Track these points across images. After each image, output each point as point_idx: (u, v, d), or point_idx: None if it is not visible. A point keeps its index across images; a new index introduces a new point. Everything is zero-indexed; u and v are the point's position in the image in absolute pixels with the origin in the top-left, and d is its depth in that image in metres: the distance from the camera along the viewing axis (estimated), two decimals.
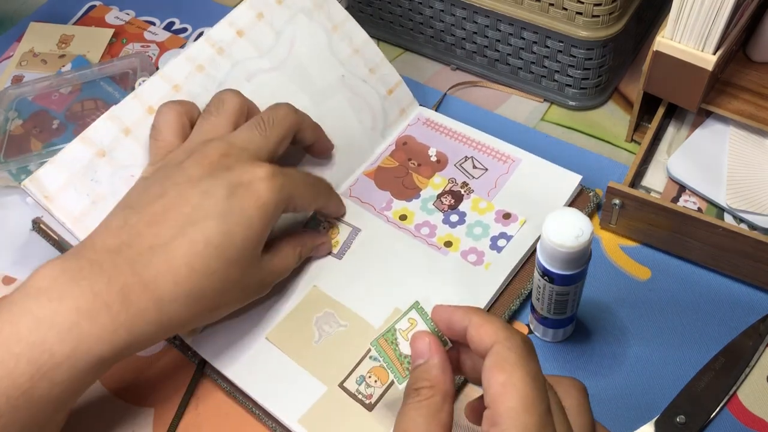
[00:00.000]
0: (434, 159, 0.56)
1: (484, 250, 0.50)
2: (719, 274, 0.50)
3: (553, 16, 0.55)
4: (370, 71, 0.57)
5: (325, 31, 0.55)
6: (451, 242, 0.51)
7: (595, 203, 0.53)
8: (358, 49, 0.56)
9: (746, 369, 0.45)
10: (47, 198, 0.47)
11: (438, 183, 0.55)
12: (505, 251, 0.50)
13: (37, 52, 0.69)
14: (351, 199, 0.54)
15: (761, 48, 0.52)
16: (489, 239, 0.51)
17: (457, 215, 0.53)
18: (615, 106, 0.61)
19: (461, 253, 0.51)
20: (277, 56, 0.54)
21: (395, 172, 0.56)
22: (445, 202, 0.53)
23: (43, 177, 0.47)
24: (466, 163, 0.55)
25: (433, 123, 0.58)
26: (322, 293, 0.49)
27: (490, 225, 0.52)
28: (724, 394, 0.45)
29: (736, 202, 0.49)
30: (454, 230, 0.52)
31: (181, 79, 0.51)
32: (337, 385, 0.46)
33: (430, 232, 0.52)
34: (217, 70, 0.52)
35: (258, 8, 0.53)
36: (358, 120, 0.56)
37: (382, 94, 0.57)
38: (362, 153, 0.56)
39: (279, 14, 0.54)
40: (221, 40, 0.52)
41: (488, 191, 0.54)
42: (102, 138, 0.48)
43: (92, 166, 0.48)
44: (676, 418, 0.44)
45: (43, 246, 0.55)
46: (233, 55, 0.52)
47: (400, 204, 0.54)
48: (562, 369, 0.47)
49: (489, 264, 0.50)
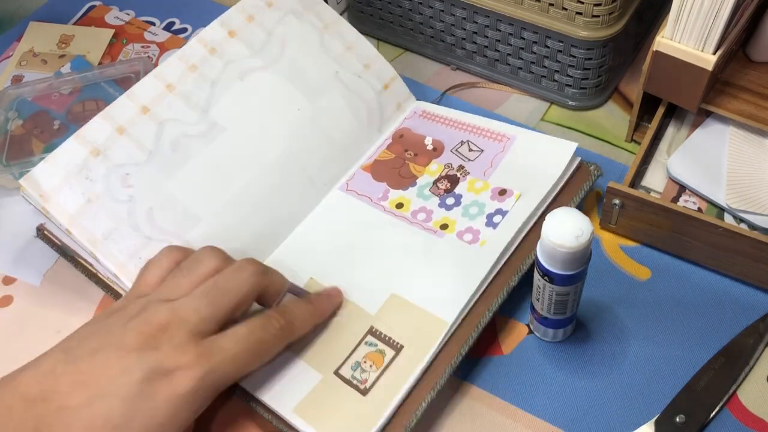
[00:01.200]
0: (430, 147, 0.56)
1: (480, 228, 0.50)
2: (719, 274, 0.50)
3: (553, 16, 0.55)
4: (364, 67, 0.57)
5: (316, 30, 0.56)
6: (447, 224, 0.51)
7: (596, 176, 0.53)
8: (351, 46, 0.57)
9: (746, 368, 0.45)
10: (42, 197, 0.47)
11: (434, 170, 0.55)
12: (500, 227, 0.50)
13: (37, 52, 0.69)
14: (348, 193, 0.54)
15: (761, 48, 0.52)
16: (485, 217, 0.51)
17: (453, 198, 0.52)
18: (615, 106, 0.61)
19: (457, 234, 0.50)
20: (270, 54, 0.54)
21: (392, 163, 0.56)
22: (441, 187, 0.53)
23: (39, 175, 0.47)
24: (462, 147, 0.55)
25: (429, 114, 0.58)
26: (317, 284, 0.50)
27: (485, 203, 0.51)
28: (724, 394, 0.45)
29: (736, 202, 0.49)
30: (450, 212, 0.52)
31: (175, 78, 0.51)
32: (332, 373, 0.45)
33: (426, 217, 0.52)
34: (210, 70, 0.52)
35: (248, 11, 0.54)
36: (354, 116, 0.56)
37: (378, 89, 0.57)
38: (359, 148, 0.56)
39: (269, 16, 0.55)
40: (213, 40, 0.53)
41: (484, 171, 0.53)
42: (96, 137, 0.49)
43: (87, 164, 0.48)
44: (675, 418, 0.44)
45: (44, 247, 0.55)
46: (226, 55, 0.53)
47: (397, 193, 0.54)
48: (562, 369, 0.47)
49: (484, 242, 0.49)
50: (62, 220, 0.47)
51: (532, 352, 0.48)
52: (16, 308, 0.53)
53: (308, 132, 0.54)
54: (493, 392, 0.47)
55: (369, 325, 0.47)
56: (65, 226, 0.47)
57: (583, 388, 0.46)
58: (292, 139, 0.54)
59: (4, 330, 0.52)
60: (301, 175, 0.54)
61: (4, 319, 0.53)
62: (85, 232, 0.47)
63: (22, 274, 0.55)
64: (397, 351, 0.46)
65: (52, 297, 0.54)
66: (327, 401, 0.44)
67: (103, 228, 0.48)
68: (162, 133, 0.50)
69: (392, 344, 0.46)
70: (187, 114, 0.51)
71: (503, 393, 0.47)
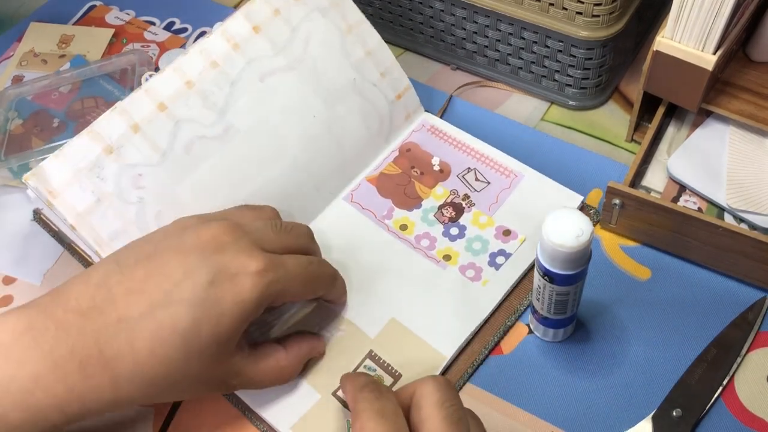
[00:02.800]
0: (437, 168, 0.56)
1: (483, 266, 0.50)
2: (719, 274, 0.50)
3: (553, 16, 0.55)
4: (381, 75, 0.56)
5: (340, 31, 0.55)
6: (450, 256, 0.51)
7: (596, 220, 0.53)
8: (371, 51, 0.56)
9: (737, 359, 0.46)
10: (51, 193, 0.45)
11: (440, 194, 0.54)
12: (503, 269, 0.50)
13: (37, 52, 0.69)
14: (352, 205, 0.54)
15: (761, 48, 0.52)
16: (488, 255, 0.51)
17: (457, 228, 0.52)
18: (615, 105, 0.61)
19: (459, 268, 0.51)
20: (292, 54, 0.53)
21: (397, 179, 0.56)
22: (446, 214, 0.53)
23: (48, 170, 0.45)
24: (469, 174, 0.55)
25: (437, 131, 0.58)
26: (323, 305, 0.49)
27: (489, 241, 0.52)
28: (718, 385, 0.45)
29: (736, 201, 0.49)
30: (454, 244, 0.52)
31: (195, 75, 0.49)
32: (331, 394, 0.46)
33: (430, 244, 0.52)
34: (231, 68, 0.50)
35: (275, 4, 0.52)
36: (365, 125, 0.56)
37: (391, 99, 0.57)
38: (366, 158, 0.56)
39: (295, 11, 0.53)
40: (237, 34, 0.51)
41: (489, 205, 0.53)
42: (110, 133, 0.47)
43: (99, 162, 0.46)
44: (672, 412, 0.44)
45: (43, 245, 0.55)
46: (248, 53, 0.51)
47: (401, 213, 0.54)
48: (562, 369, 0.47)
49: (487, 281, 0.50)
50: (69, 218, 0.46)
51: (532, 352, 0.48)
52: None
53: (322, 140, 0.54)
54: (493, 392, 0.47)
55: (368, 348, 0.47)
56: (71, 223, 0.46)
57: (583, 388, 0.46)
58: (306, 146, 0.53)
59: None
60: (308, 182, 0.53)
61: None
62: (92, 232, 0.46)
63: (22, 274, 0.55)
64: (395, 379, 0.46)
65: None
66: (324, 422, 0.45)
67: (110, 229, 0.46)
68: (177, 134, 0.49)
69: (390, 371, 0.46)
70: (204, 114, 0.50)
71: (503, 393, 0.47)
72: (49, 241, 0.56)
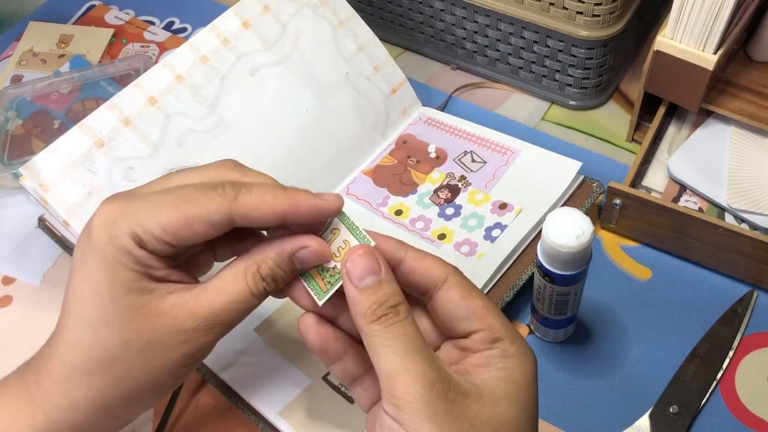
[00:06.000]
0: (433, 155, 0.56)
1: (478, 240, 0.50)
2: (720, 274, 0.50)
3: (554, 16, 0.55)
4: (374, 69, 0.57)
5: (331, 26, 0.55)
6: (444, 234, 0.51)
7: (599, 193, 0.53)
8: (363, 46, 0.56)
9: (729, 352, 0.46)
10: (42, 186, 0.46)
11: (436, 178, 0.54)
12: (498, 241, 0.50)
13: (36, 52, 0.69)
14: (348, 197, 0.54)
15: (762, 47, 0.52)
16: (483, 230, 0.51)
17: (452, 208, 0.52)
18: (615, 105, 0.61)
19: (454, 245, 0.50)
20: (282, 50, 0.53)
21: (393, 169, 0.56)
22: (441, 196, 0.53)
23: (40, 164, 0.46)
24: (465, 157, 0.55)
25: (434, 121, 0.58)
26: None
27: (485, 216, 0.51)
28: (712, 380, 0.45)
29: (736, 202, 0.49)
30: (449, 223, 0.52)
31: (185, 69, 0.50)
32: (321, 378, 0.45)
33: (425, 225, 0.52)
34: (221, 62, 0.51)
35: (264, 1, 0.53)
36: (360, 119, 0.56)
37: (386, 93, 0.57)
38: (362, 152, 0.56)
39: (285, 7, 0.53)
40: (227, 30, 0.51)
41: (486, 183, 0.53)
42: (101, 127, 0.47)
43: (90, 156, 0.47)
44: (669, 408, 0.44)
45: (44, 246, 0.55)
46: (238, 48, 0.52)
47: (397, 200, 0.54)
48: (563, 369, 0.47)
49: (481, 255, 0.49)
50: (61, 212, 0.46)
51: None
52: (15, 308, 0.53)
53: (314, 133, 0.54)
54: None
55: None
56: (63, 217, 0.46)
57: (583, 388, 0.46)
58: (298, 139, 0.53)
59: (4, 330, 0.52)
60: (303, 176, 0.53)
61: (4, 319, 0.53)
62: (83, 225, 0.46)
63: (22, 274, 0.55)
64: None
65: (52, 297, 0.53)
66: (314, 406, 0.44)
67: None
68: (168, 127, 0.49)
69: None
70: (195, 108, 0.50)
71: None
72: (48, 242, 0.56)
